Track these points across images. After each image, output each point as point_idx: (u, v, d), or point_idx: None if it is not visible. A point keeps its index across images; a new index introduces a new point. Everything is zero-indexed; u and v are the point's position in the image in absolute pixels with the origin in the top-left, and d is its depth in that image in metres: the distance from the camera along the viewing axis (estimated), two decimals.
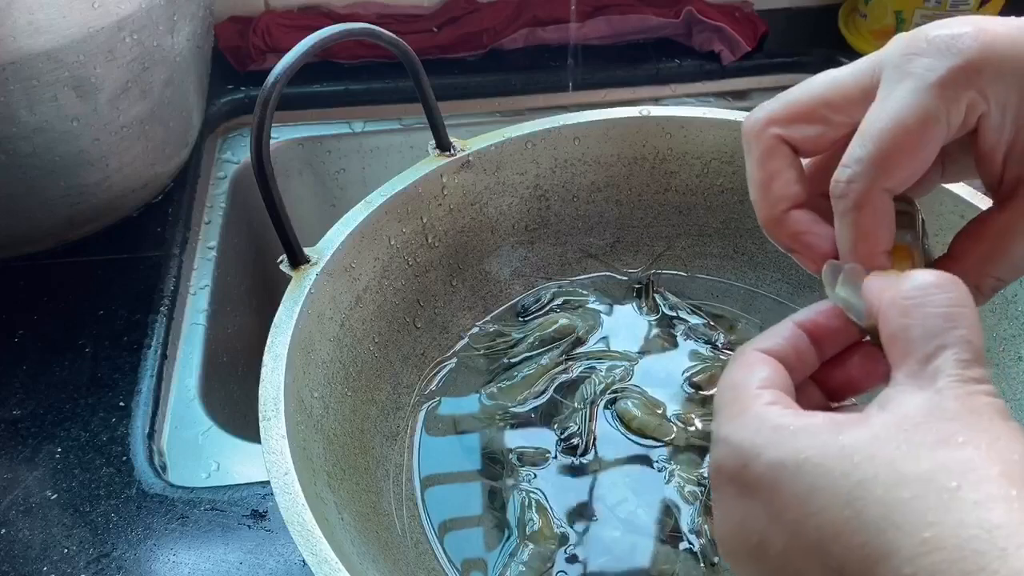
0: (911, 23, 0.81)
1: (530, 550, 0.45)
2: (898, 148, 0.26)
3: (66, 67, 0.54)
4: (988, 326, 0.50)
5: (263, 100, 0.40)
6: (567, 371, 0.54)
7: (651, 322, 0.57)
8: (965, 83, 0.26)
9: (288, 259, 0.44)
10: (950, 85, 0.26)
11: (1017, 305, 0.48)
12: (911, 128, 0.26)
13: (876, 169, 0.27)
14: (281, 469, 0.36)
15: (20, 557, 0.47)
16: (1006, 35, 0.26)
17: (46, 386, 0.56)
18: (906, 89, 0.26)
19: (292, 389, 0.40)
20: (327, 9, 0.84)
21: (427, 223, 0.52)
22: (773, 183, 0.30)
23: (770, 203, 0.30)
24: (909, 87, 0.26)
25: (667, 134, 0.56)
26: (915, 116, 0.26)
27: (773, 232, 0.31)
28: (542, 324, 0.56)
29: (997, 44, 0.26)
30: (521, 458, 0.50)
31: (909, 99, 0.26)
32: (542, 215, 0.58)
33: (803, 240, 0.30)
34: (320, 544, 0.33)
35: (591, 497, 0.48)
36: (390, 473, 0.49)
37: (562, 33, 0.85)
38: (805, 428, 0.23)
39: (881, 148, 0.26)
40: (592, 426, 0.51)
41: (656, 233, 0.60)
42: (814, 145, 0.30)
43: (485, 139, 0.53)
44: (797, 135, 0.30)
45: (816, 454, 0.22)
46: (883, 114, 0.27)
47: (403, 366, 0.52)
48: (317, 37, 0.42)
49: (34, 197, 0.60)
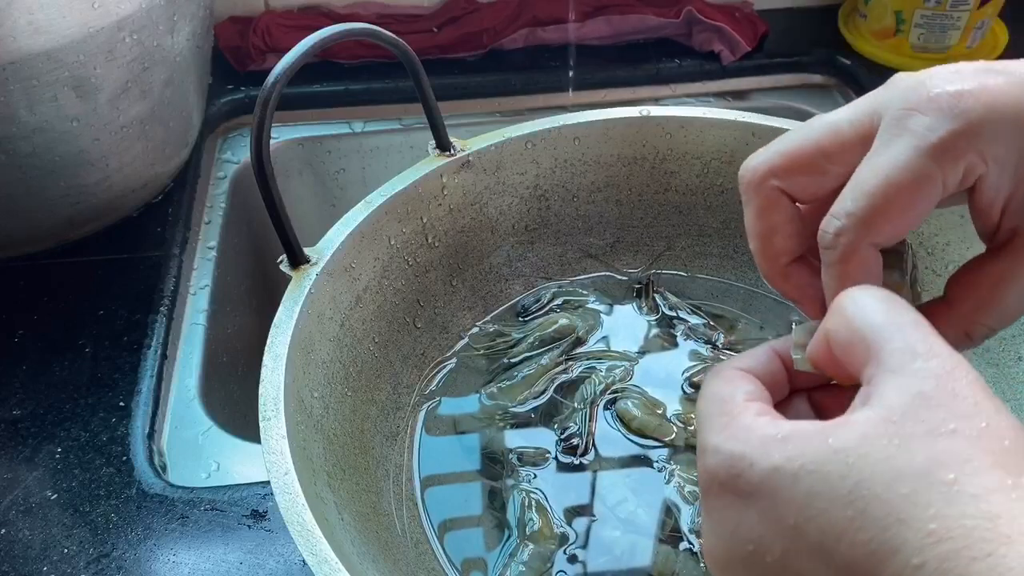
0: (911, 23, 0.81)
1: (530, 550, 0.45)
2: (890, 207, 0.26)
3: (66, 67, 0.54)
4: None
5: (263, 100, 0.40)
6: (567, 371, 0.54)
7: (651, 322, 0.58)
8: (965, 147, 0.26)
9: (288, 259, 0.44)
10: (950, 148, 0.25)
11: None
12: (905, 189, 0.26)
13: (866, 225, 0.27)
14: (281, 469, 0.36)
15: (20, 557, 0.47)
16: (1008, 93, 0.26)
17: (46, 386, 0.56)
18: (903, 147, 0.26)
19: (292, 389, 0.40)
20: (327, 9, 0.84)
21: (427, 223, 0.52)
22: (774, 237, 0.30)
23: (771, 257, 0.31)
24: (906, 146, 0.26)
25: (667, 134, 0.56)
26: (910, 177, 0.26)
27: (775, 283, 0.31)
28: (542, 324, 0.56)
29: (999, 104, 0.25)
30: (521, 458, 0.50)
31: (905, 159, 0.26)
32: (542, 215, 0.58)
33: (806, 293, 0.30)
34: (320, 544, 0.33)
35: (591, 497, 0.48)
36: (390, 473, 0.49)
37: (562, 33, 0.85)
38: (795, 435, 0.23)
39: (873, 205, 0.26)
40: (592, 426, 0.51)
41: (656, 233, 0.60)
42: (813, 195, 0.30)
43: (485, 139, 0.53)
44: (796, 187, 0.29)
45: (810, 460, 0.22)
46: (878, 170, 0.26)
47: (403, 366, 0.52)
48: (317, 37, 0.42)
49: (34, 197, 0.60)
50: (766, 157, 0.30)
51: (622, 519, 0.47)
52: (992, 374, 0.49)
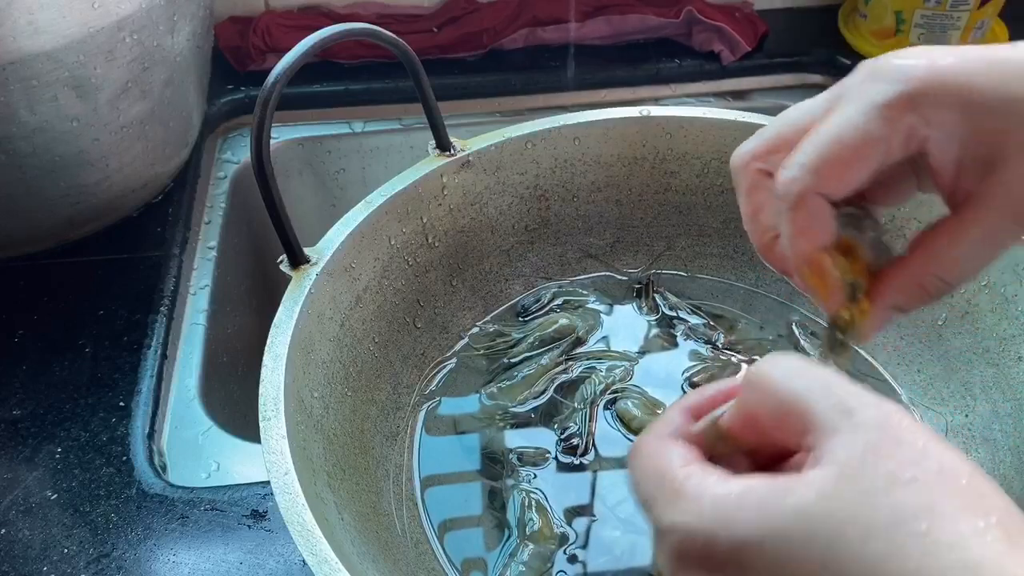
0: (911, 23, 0.81)
1: (530, 550, 0.45)
2: (835, 159, 0.29)
3: (66, 67, 0.54)
4: (988, 326, 0.50)
5: (263, 100, 0.40)
6: (567, 371, 0.54)
7: (651, 322, 0.58)
8: (909, 107, 0.28)
9: (288, 259, 0.44)
10: (894, 107, 0.28)
11: (1017, 305, 0.48)
12: (849, 143, 0.28)
13: (813, 175, 0.29)
14: (281, 469, 0.36)
15: (20, 557, 0.47)
16: (954, 66, 0.28)
17: (46, 386, 0.56)
18: (853, 107, 0.29)
19: (292, 389, 0.40)
20: (327, 9, 0.84)
21: (427, 223, 0.52)
22: (760, 214, 0.33)
23: (759, 232, 0.33)
24: (856, 106, 0.29)
25: (667, 134, 0.56)
26: (855, 132, 0.28)
27: (766, 257, 0.34)
28: (542, 324, 0.56)
29: (943, 74, 0.28)
30: (521, 458, 0.50)
31: (853, 116, 0.29)
32: (542, 215, 0.58)
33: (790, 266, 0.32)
34: (320, 544, 0.33)
35: (591, 497, 0.48)
36: (390, 473, 0.49)
37: (562, 33, 0.85)
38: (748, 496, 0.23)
39: (820, 157, 0.29)
40: (592, 426, 0.51)
41: (656, 233, 0.60)
42: None
43: (485, 139, 0.53)
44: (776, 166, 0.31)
45: (773, 526, 0.22)
46: (830, 126, 0.29)
47: (403, 366, 0.52)
48: (317, 37, 0.42)
49: (34, 197, 0.60)
50: (750, 143, 0.33)
51: (622, 519, 0.47)
52: (992, 374, 0.49)
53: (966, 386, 0.51)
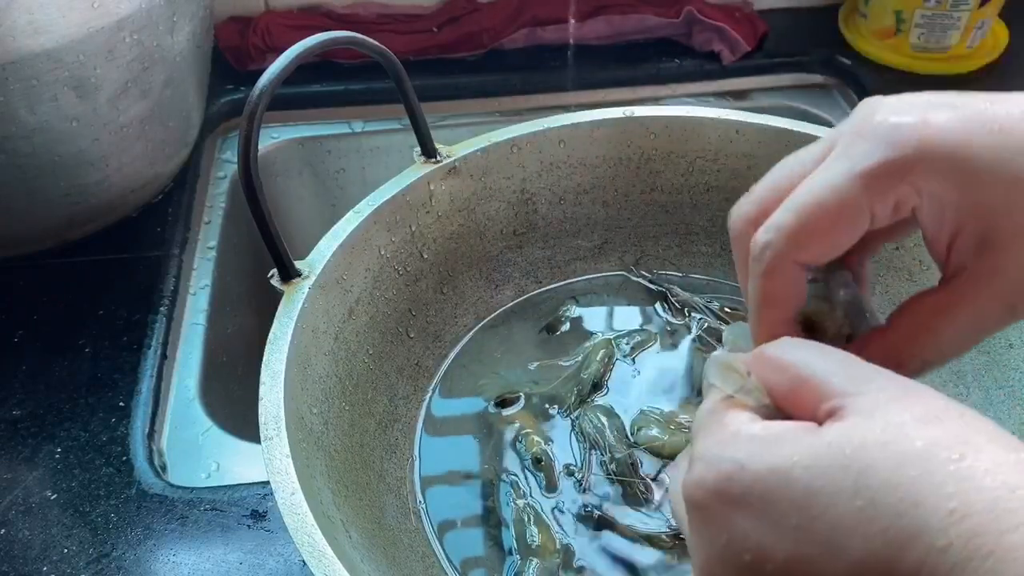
0: (911, 23, 0.81)
1: (535, 566, 0.44)
2: (815, 227, 0.27)
3: (66, 67, 0.54)
4: None
5: (249, 113, 0.39)
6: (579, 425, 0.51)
7: (662, 323, 0.57)
8: (897, 176, 0.26)
9: (279, 273, 0.44)
10: (880, 176, 0.26)
11: None
12: (830, 210, 0.26)
13: (790, 242, 0.27)
14: (288, 489, 0.36)
15: (20, 557, 0.47)
16: (949, 130, 0.26)
17: (46, 386, 0.56)
18: (837, 170, 0.27)
19: (291, 407, 0.40)
20: (327, 9, 0.84)
21: (416, 231, 0.52)
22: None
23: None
24: (840, 169, 0.26)
25: (651, 134, 0.56)
26: (836, 199, 0.26)
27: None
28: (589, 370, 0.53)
29: (936, 140, 0.25)
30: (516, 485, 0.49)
31: (835, 182, 0.26)
32: (530, 219, 0.58)
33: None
34: (334, 564, 0.33)
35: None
36: (392, 487, 0.48)
37: (562, 33, 0.85)
38: (784, 434, 0.23)
39: (799, 222, 0.27)
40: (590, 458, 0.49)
41: (644, 233, 0.60)
42: None
43: (470, 144, 0.53)
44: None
45: (804, 456, 0.22)
46: (811, 188, 0.27)
47: (398, 377, 0.52)
48: (302, 47, 0.41)
49: (34, 197, 0.60)
50: (744, 206, 0.30)
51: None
52: (984, 362, 0.49)
53: (958, 374, 0.50)
